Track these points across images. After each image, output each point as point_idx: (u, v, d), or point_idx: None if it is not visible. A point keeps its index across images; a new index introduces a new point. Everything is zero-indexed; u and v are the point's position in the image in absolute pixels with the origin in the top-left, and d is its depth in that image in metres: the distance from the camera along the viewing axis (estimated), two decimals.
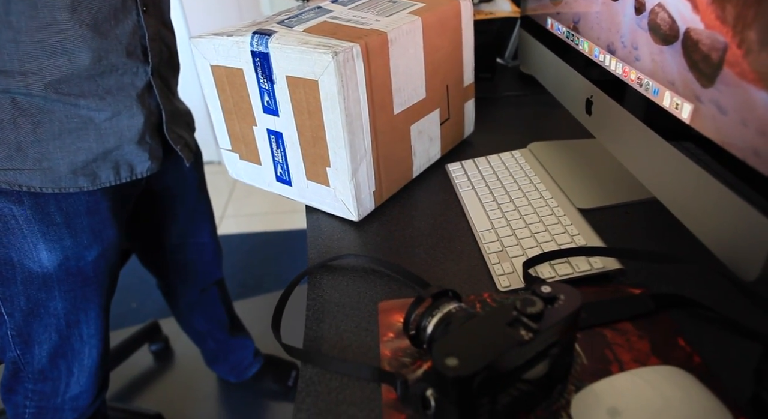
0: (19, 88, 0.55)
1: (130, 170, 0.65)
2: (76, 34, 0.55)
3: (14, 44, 0.53)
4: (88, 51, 0.56)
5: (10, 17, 0.52)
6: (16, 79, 0.55)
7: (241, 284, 1.67)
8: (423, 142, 0.67)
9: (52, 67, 0.56)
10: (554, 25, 0.73)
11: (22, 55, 0.54)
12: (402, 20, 0.58)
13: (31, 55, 0.54)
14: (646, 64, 0.50)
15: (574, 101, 0.67)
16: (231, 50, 0.58)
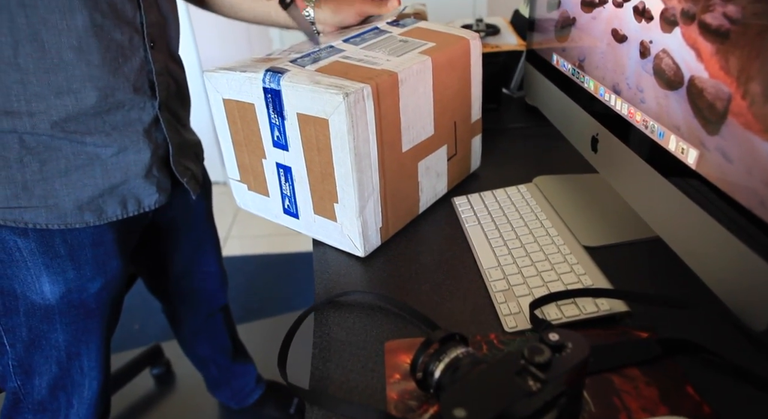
0: (26, 128, 0.56)
1: (138, 203, 0.66)
2: (83, 73, 0.56)
3: (22, 85, 0.55)
4: (94, 90, 0.57)
5: (18, 59, 0.53)
6: (23, 120, 0.56)
7: (243, 307, 1.66)
8: (430, 178, 0.68)
9: (58, 106, 0.57)
10: (560, 62, 0.74)
11: (30, 95, 0.55)
12: (413, 60, 0.59)
13: (38, 95, 0.55)
14: (651, 106, 0.51)
15: (579, 137, 0.67)
16: (243, 85, 0.60)
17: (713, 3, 0.41)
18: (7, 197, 0.58)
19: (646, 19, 0.50)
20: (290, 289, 1.74)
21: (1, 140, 0.56)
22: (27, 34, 0.53)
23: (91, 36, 0.55)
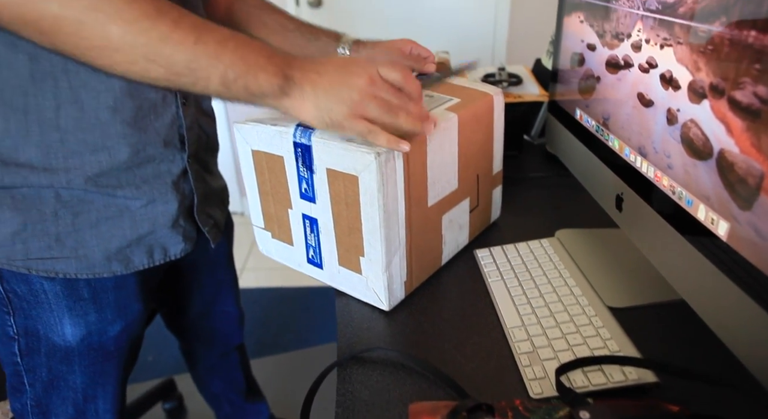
0: (62, 183, 0.58)
1: (164, 252, 0.67)
2: (117, 131, 0.58)
3: (60, 143, 0.57)
4: (127, 146, 0.60)
5: (59, 120, 0.56)
6: (59, 175, 0.58)
7: (258, 341, 1.66)
8: (453, 230, 0.68)
9: (93, 162, 0.59)
10: (583, 117, 0.75)
11: (67, 152, 0.57)
12: (439, 118, 0.61)
13: (75, 152, 0.58)
14: (679, 173, 0.51)
15: (603, 194, 0.68)
16: (274, 139, 0.61)
17: (743, 81, 0.41)
18: (41, 249, 0.60)
19: (673, 88, 0.51)
20: (305, 323, 1.73)
21: (39, 195, 0.58)
22: (68, 96, 0.55)
23: (127, 96, 0.57)
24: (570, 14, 0.79)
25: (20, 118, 0.55)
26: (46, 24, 0.44)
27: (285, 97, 0.51)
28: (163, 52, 0.46)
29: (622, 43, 0.62)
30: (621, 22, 0.62)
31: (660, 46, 0.53)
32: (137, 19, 0.45)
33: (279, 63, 0.50)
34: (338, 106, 0.51)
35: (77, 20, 0.44)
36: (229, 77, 0.49)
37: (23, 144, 0.56)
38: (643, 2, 0.56)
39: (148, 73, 0.48)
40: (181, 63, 0.47)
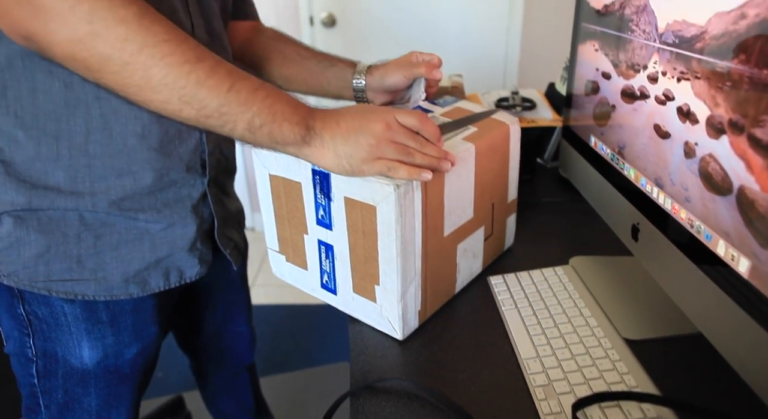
0: (87, 206, 0.60)
1: (180, 275, 0.68)
2: (143, 157, 0.60)
3: (88, 168, 0.58)
4: (151, 171, 0.61)
5: (88, 146, 0.57)
6: (85, 199, 0.59)
7: (267, 358, 1.65)
8: (467, 259, 0.68)
9: (118, 186, 0.60)
10: (598, 145, 0.75)
11: (93, 177, 0.59)
12: (457, 148, 0.61)
13: (101, 176, 0.59)
14: (697, 207, 0.51)
15: (618, 223, 0.67)
16: (292, 164, 0.62)
17: (764, 119, 0.41)
18: (62, 270, 0.60)
19: (690, 122, 0.51)
20: (316, 341, 1.73)
21: (64, 217, 0.59)
22: (99, 123, 0.56)
23: (154, 123, 0.59)
24: (584, 42, 0.79)
25: (51, 142, 0.56)
26: (94, 62, 0.47)
27: (306, 146, 0.53)
28: (197, 96, 0.49)
29: (638, 73, 0.62)
30: (637, 53, 0.62)
31: (677, 79, 0.53)
32: (179, 63, 0.47)
33: (303, 113, 0.53)
34: (356, 151, 0.53)
35: (124, 62, 0.46)
36: (255, 124, 0.51)
37: (52, 168, 0.57)
38: (659, 35, 0.57)
39: (181, 112, 0.50)
40: (213, 107, 0.49)
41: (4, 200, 0.57)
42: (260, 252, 2.24)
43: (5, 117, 0.55)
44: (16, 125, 0.55)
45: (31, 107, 0.55)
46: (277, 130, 0.52)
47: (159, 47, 0.47)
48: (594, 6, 0.75)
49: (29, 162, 0.57)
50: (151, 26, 0.47)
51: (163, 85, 0.48)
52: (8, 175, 0.57)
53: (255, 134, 0.52)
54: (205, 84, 0.48)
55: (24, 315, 0.63)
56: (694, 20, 0.50)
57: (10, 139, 0.56)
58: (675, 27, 0.53)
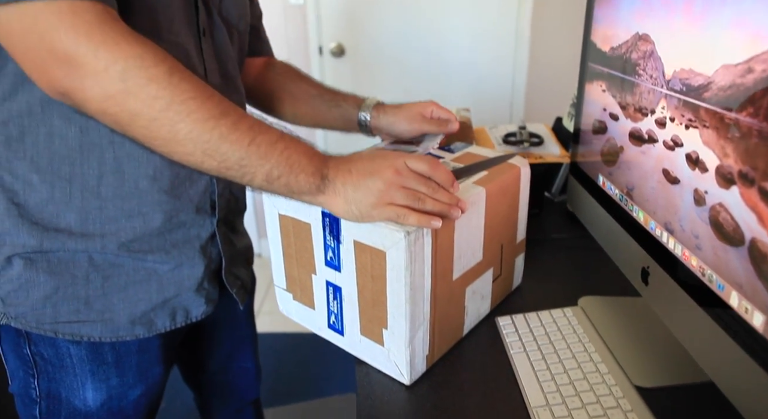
0: (97, 248, 0.60)
1: (186, 314, 0.68)
2: (153, 199, 0.61)
3: (99, 211, 0.59)
4: (161, 213, 0.62)
5: (100, 188, 0.58)
6: (94, 241, 0.60)
7: (271, 389, 1.63)
8: (476, 300, 0.68)
9: (128, 228, 0.61)
10: (606, 184, 0.75)
11: (104, 219, 0.59)
12: (468, 192, 0.61)
13: (112, 218, 0.60)
14: (708, 255, 0.50)
15: (628, 265, 0.67)
16: (302, 206, 0.62)
17: None
18: (69, 312, 0.61)
19: (700, 169, 0.51)
20: (320, 371, 1.71)
21: (73, 259, 0.60)
22: (112, 166, 0.57)
23: (166, 167, 0.60)
24: (592, 81, 0.80)
25: (64, 186, 0.57)
26: (125, 117, 0.49)
27: (320, 194, 0.54)
28: (220, 149, 0.50)
29: (645, 117, 0.62)
30: (644, 97, 0.63)
31: (685, 126, 0.53)
32: (204, 119, 0.49)
33: (318, 163, 0.54)
34: (366, 197, 0.53)
35: (152, 118, 0.48)
36: (273, 175, 0.52)
37: (64, 210, 0.58)
38: (666, 81, 0.57)
39: (202, 164, 0.52)
40: (234, 160, 0.51)
41: (15, 242, 0.58)
42: (266, 279, 2.24)
43: (22, 162, 0.56)
44: (32, 169, 0.56)
45: (47, 152, 0.56)
46: (293, 180, 0.53)
47: (186, 104, 0.48)
48: (601, 47, 0.75)
49: (42, 205, 0.57)
50: (180, 84, 0.48)
51: (188, 139, 0.49)
52: (21, 217, 0.57)
53: (272, 185, 0.53)
54: (228, 138, 0.50)
55: (30, 355, 0.63)
56: (701, 70, 0.50)
57: (25, 182, 0.57)
58: (682, 75, 0.54)
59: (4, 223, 0.58)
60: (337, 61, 2.14)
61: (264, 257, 2.47)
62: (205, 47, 0.63)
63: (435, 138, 0.77)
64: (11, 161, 0.56)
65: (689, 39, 0.52)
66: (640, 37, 0.63)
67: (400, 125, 0.76)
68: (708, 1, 0.49)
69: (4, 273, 0.59)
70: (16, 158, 0.56)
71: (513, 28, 2.08)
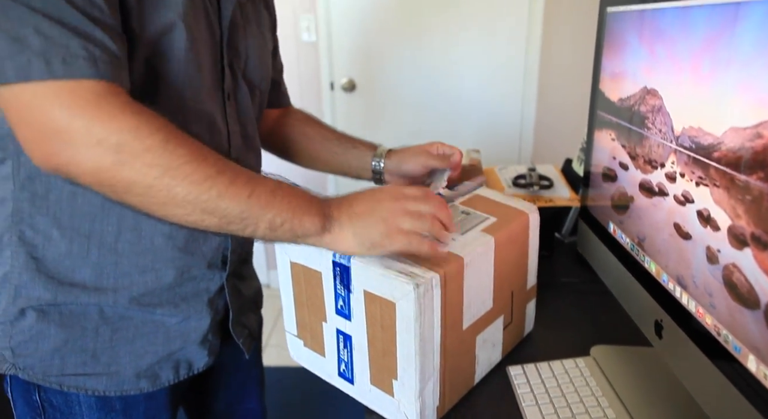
0: (109, 302, 0.61)
1: (189, 367, 0.68)
2: (167, 255, 0.62)
3: (114, 265, 0.60)
4: (173, 268, 0.63)
5: (117, 244, 0.60)
6: (107, 295, 0.61)
7: None
8: (486, 349, 0.67)
9: (140, 283, 0.61)
10: (617, 232, 0.75)
11: (118, 274, 0.61)
12: (477, 241, 0.62)
13: (126, 273, 0.61)
14: (723, 315, 0.50)
15: (640, 316, 0.66)
16: (313, 254, 0.63)
17: None
18: (76, 364, 0.61)
19: (711, 227, 0.51)
20: (327, 409, 1.68)
21: (84, 312, 0.61)
22: (130, 224, 0.59)
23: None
24: (601, 129, 0.81)
25: (83, 241, 0.58)
26: (120, 188, 0.49)
27: (326, 234, 0.55)
28: (219, 206, 0.50)
29: (655, 170, 0.63)
30: (653, 151, 0.63)
31: (696, 183, 0.54)
32: (201, 181, 0.49)
33: (319, 205, 0.55)
34: (374, 228, 0.54)
35: (148, 185, 0.48)
36: (276, 223, 0.52)
37: (81, 265, 0.59)
38: (675, 137, 0.58)
39: (203, 222, 0.51)
40: (235, 214, 0.51)
41: (31, 294, 0.59)
42: (275, 310, 2.23)
43: (45, 217, 0.57)
44: (53, 224, 0.58)
45: (69, 209, 0.57)
46: (297, 225, 0.53)
47: (181, 169, 0.48)
48: (609, 97, 0.77)
49: (59, 259, 0.59)
50: (176, 150, 0.49)
51: (186, 201, 0.49)
52: (38, 271, 0.59)
53: (276, 232, 0.53)
54: (226, 195, 0.50)
55: (39, 402, 0.63)
56: (710, 130, 0.51)
57: (46, 237, 0.58)
58: (691, 133, 0.54)
59: (21, 276, 0.59)
60: (348, 96, 2.18)
61: (273, 287, 2.46)
62: (229, 111, 0.65)
63: (442, 175, 0.78)
64: (34, 216, 0.58)
65: (697, 98, 0.53)
66: (648, 91, 0.64)
67: (407, 163, 0.78)
68: (715, 62, 0.50)
69: (16, 324, 0.60)
70: (39, 213, 0.57)
71: (522, 68, 2.12)
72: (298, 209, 0.53)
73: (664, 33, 0.59)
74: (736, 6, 0.47)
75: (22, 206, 0.58)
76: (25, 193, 0.57)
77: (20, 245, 0.59)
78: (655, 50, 0.62)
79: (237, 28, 0.65)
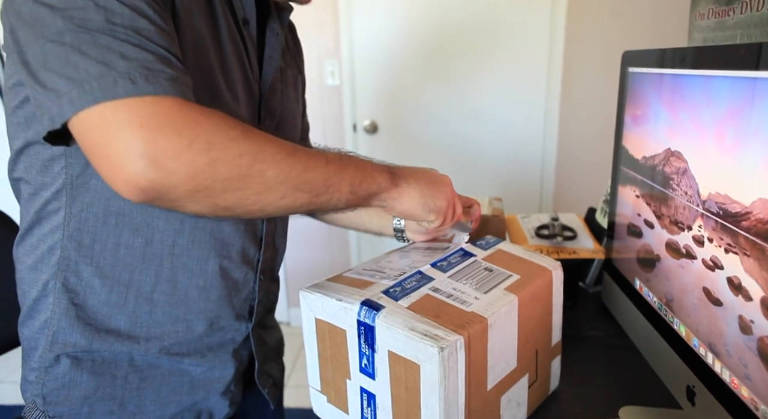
0: (140, 351, 0.63)
1: (210, 416, 0.69)
2: (199, 307, 0.64)
3: (149, 315, 0.62)
4: (204, 320, 0.64)
5: (153, 294, 0.62)
6: (139, 344, 0.63)
7: None
8: (511, 409, 0.66)
9: (171, 333, 0.63)
10: (644, 289, 0.74)
11: (152, 323, 0.62)
12: (500, 301, 0.62)
13: (159, 323, 0.63)
14: (760, 388, 0.48)
15: (671, 380, 0.64)
16: (338, 312, 0.63)
17: None
18: (103, 413, 0.62)
19: (743, 297, 0.50)
20: None
21: (115, 359, 0.62)
22: (167, 275, 0.61)
23: (217, 277, 0.63)
24: (625, 185, 0.81)
25: (122, 290, 0.60)
26: (217, 186, 0.48)
27: (394, 189, 0.61)
28: (307, 179, 0.53)
29: (682, 232, 0.62)
30: (680, 212, 0.63)
31: (725, 250, 0.53)
32: (285, 158, 0.51)
33: (381, 164, 0.62)
34: (437, 198, 0.65)
35: (244, 175, 0.48)
36: (355, 182, 0.56)
37: (117, 313, 0.61)
38: (702, 201, 0.57)
39: (295, 202, 0.53)
40: (321, 183, 0.54)
41: (68, 341, 0.61)
42: (294, 349, 2.22)
43: (89, 266, 0.60)
44: (96, 273, 0.60)
45: (112, 259, 0.60)
46: (371, 180, 0.58)
47: (267, 151, 0.50)
48: (633, 154, 0.77)
49: (99, 306, 0.61)
50: (253, 135, 0.50)
51: (278, 182, 0.50)
52: (78, 318, 0.61)
53: (357, 193, 0.57)
54: (309, 166, 0.52)
55: None
56: (738, 198, 0.51)
57: (88, 285, 0.60)
58: (718, 199, 0.54)
59: (61, 322, 0.61)
60: (371, 137, 2.23)
61: (293, 325, 2.46)
62: None
63: (464, 228, 0.79)
64: (79, 264, 0.60)
65: (723, 166, 0.53)
66: (672, 153, 0.65)
67: None
68: (740, 134, 0.50)
69: (51, 371, 0.62)
70: (84, 262, 0.60)
71: (542, 113, 2.15)
72: (368, 167, 0.58)
73: (687, 98, 0.60)
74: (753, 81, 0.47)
75: (69, 254, 0.60)
76: (73, 242, 0.60)
77: (63, 291, 0.61)
78: (678, 114, 0.63)
79: (275, 93, 0.69)
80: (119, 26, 0.46)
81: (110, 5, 0.46)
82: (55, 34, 0.45)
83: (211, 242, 0.63)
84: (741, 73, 0.49)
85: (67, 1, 0.46)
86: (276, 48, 0.69)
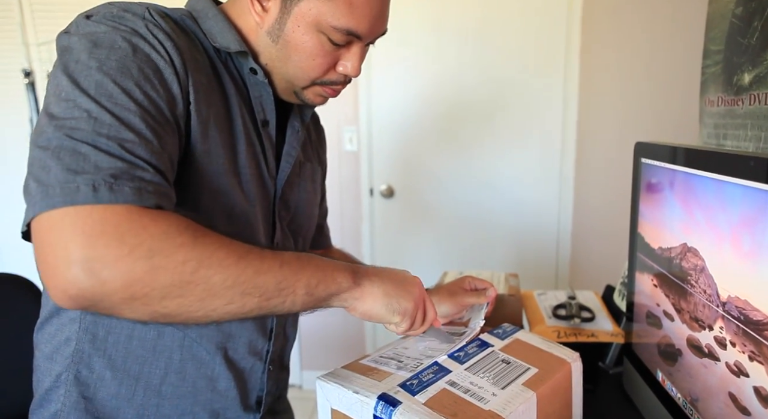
0: None
1: None
2: (206, 398, 0.64)
3: (156, 408, 0.63)
4: (209, 412, 0.64)
5: (162, 387, 0.62)
6: None
7: None
8: None
9: None
10: (667, 383, 0.72)
11: (158, 416, 0.63)
12: (518, 398, 0.61)
13: (165, 416, 0.63)
14: None
15: None
16: (354, 405, 0.63)
17: None
18: None
19: None
20: None
21: None
22: (176, 367, 0.62)
23: (226, 369, 0.63)
24: (642, 272, 0.81)
25: (131, 383, 0.61)
26: (155, 294, 0.46)
27: (357, 288, 0.59)
28: (257, 283, 0.50)
29: (703, 330, 0.61)
30: (700, 310, 0.62)
31: (749, 357, 0.52)
32: (235, 263, 0.49)
33: (342, 264, 0.59)
34: (404, 298, 0.62)
35: (186, 282, 0.47)
36: (312, 284, 0.54)
37: (125, 406, 0.61)
38: (722, 303, 0.57)
39: (243, 307, 0.51)
40: (273, 286, 0.52)
41: None
42: (306, 411, 2.16)
43: (101, 358, 0.61)
44: (108, 365, 0.61)
45: (124, 351, 0.61)
46: (331, 281, 0.56)
47: (215, 256, 0.48)
48: (649, 243, 0.77)
49: (108, 399, 0.61)
50: (204, 240, 0.48)
51: (225, 288, 0.48)
52: (86, 411, 0.61)
53: (313, 294, 0.55)
54: (261, 270, 0.51)
55: None
56: (758, 305, 0.51)
57: (99, 377, 0.61)
58: (738, 303, 0.54)
59: (69, 415, 0.61)
60: (387, 201, 2.26)
61: (306, 389, 2.40)
62: None
63: (480, 311, 0.79)
64: (92, 356, 0.61)
65: (742, 271, 0.53)
66: (688, 249, 0.65)
67: (444, 304, 0.78)
68: (756, 243, 0.51)
69: None
70: (97, 354, 0.61)
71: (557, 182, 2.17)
72: (328, 268, 0.56)
73: (700, 198, 0.61)
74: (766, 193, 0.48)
75: (83, 346, 0.61)
76: (88, 335, 0.61)
77: (75, 384, 0.61)
78: (693, 212, 0.63)
79: (292, 186, 0.71)
80: (103, 136, 0.47)
81: (102, 117, 0.48)
82: (45, 141, 0.47)
83: (219, 335, 0.64)
84: (753, 183, 0.50)
85: (66, 111, 0.48)
86: (295, 145, 0.72)
